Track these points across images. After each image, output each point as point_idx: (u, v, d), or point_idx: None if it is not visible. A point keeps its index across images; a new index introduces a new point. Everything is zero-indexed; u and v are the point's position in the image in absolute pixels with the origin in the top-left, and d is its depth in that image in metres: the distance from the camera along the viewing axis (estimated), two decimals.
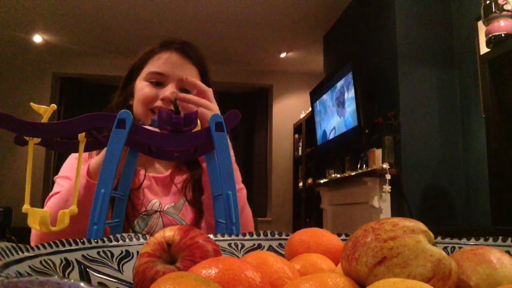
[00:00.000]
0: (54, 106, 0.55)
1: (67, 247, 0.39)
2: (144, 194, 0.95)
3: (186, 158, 0.53)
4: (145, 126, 0.53)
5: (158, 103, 0.92)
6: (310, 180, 4.60)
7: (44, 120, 0.54)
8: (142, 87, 0.94)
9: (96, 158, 0.78)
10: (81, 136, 0.52)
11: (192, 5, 3.96)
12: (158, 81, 0.94)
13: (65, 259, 0.38)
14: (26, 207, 0.47)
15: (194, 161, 0.98)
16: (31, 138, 0.51)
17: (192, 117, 0.45)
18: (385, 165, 2.75)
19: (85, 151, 0.54)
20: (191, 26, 4.33)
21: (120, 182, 0.54)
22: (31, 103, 0.57)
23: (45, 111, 0.53)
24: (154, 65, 0.96)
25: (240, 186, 0.90)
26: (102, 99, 1.39)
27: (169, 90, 0.92)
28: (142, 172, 0.96)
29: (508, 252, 0.38)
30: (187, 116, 0.46)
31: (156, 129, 0.57)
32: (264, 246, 0.51)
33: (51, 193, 0.85)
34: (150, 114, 0.92)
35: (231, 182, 0.39)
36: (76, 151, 0.55)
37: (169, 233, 0.38)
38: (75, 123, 0.45)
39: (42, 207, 0.73)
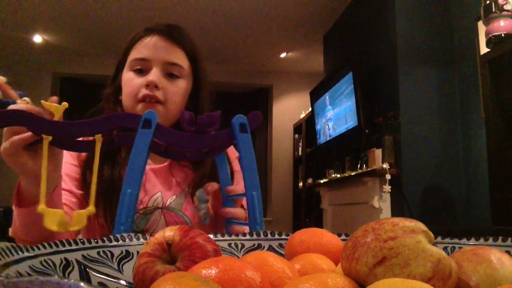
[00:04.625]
0: (66, 104, 0.55)
1: (67, 247, 0.39)
2: (145, 188, 0.90)
3: (198, 158, 0.53)
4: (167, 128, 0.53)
5: (144, 91, 0.86)
6: (310, 180, 4.60)
7: (57, 118, 0.53)
8: (127, 78, 0.90)
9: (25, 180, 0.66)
10: (98, 135, 0.50)
11: (192, 5, 3.96)
12: (142, 68, 0.89)
13: (65, 259, 0.38)
14: (41, 207, 0.46)
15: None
16: (46, 136, 0.50)
17: (215, 117, 0.45)
18: (385, 165, 2.75)
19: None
20: (191, 26, 4.33)
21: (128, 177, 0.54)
22: (42, 101, 0.55)
23: (56, 109, 0.53)
24: (137, 51, 0.90)
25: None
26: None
27: (153, 75, 0.87)
28: None
29: (508, 252, 0.38)
30: (210, 116, 0.45)
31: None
32: (264, 246, 0.51)
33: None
34: (139, 105, 0.86)
35: (254, 183, 0.39)
36: (90, 151, 0.53)
37: (169, 233, 0.38)
38: (98, 122, 0.44)
39: None
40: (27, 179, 0.64)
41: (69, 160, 0.89)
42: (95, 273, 0.39)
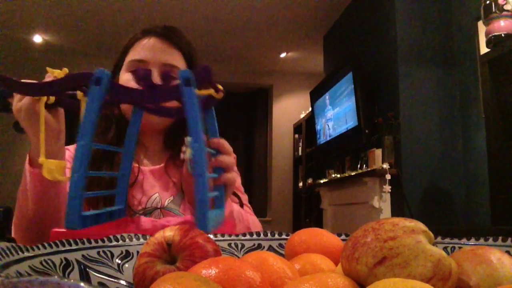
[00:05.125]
0: (66, 69, 0.61)
1: (67, 247, 0.39)
2: (143, 189, 0.90)
3: (171, 98, 0.54)
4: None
5: None
6: (310, 180, 4.60)
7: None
8: (125, 79, 0.90)
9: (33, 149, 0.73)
10: (80, 94, 0.56)
11: (192, 5, 3.96)
12: None
13: (65, 259, 0.38)
14: (42, 159, 0.51)
15: None
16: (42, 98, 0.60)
17: (167, 75, 0.48)
18: (385, 165, 2.75)
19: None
20: (191, 26, 4.33)
21: (125, 143, 0.57)
22: (47, 67, 0.63)
23: (59, 74, 0.61)
24: (135, 53, 0.91)
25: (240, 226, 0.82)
26: None
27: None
28: (135, 165, 0.90)
29: (508, 252, 0.38)
30: (163, 74, 0.49)
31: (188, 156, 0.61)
32: (264, 246, 0.51)
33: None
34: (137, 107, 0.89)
35: (199, 135, 0.43)
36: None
37: (169, 233, 0.38)
38: (61, 81, 0.50)
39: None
40: (49, 137, 0.68)
41: (70, 159, 0.89)
42: (95, 273, 0.39)
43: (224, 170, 0.64)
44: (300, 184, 5.08)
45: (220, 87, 0.54)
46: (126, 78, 0.90)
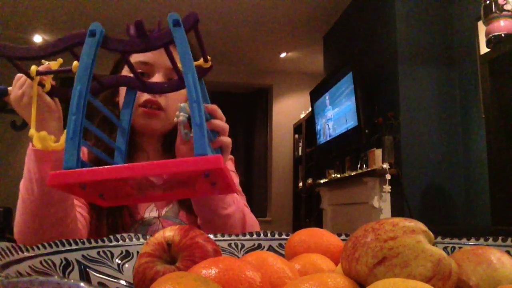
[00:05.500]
0: (60, 60, 0.64)
1: (67, 247, 0.39)
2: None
3: (176, 89, 0.54)
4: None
5: (145, 95, 0.86)
6: (310, 180, 4.60)
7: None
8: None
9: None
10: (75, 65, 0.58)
11: (192, 5, 3.96)
12: (144, 71, 0.87)
13: (65, 259, 0.38)
14: (31, 131, 0.52)
15: None
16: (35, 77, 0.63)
17: (140, 24, 0.49)
18: (385, 165, 2.75)
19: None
20: None
21: (121, 119, 0.57)
22: (42, 60, 0.63)
23: (54, 65, 0.64)
24: (139, 54, 0.87)
25: (234, 207, 0.80)
26: None
27: (156, 80, 0.86)
28: None
29: (508, 252, 0.38)
30: (137, 24, 0.49)
31: (188, 132, 0.63)
32: (264, 246, 0.51)
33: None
34: (139, 110, 0.86)
35: (190, 66, 0.44)
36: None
37: (169, 233, 0.38)
38: (58, 42, 0.52)
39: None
40: (52, 118, 0.70)
41: None
42: (95, 273, 0.39)
43: (218, 134, 0.65)
44: (300, 184, 5.08)
45: (209, 57, 0.54)
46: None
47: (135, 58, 0.89)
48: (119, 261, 0.42)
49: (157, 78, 0.87)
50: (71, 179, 0.36)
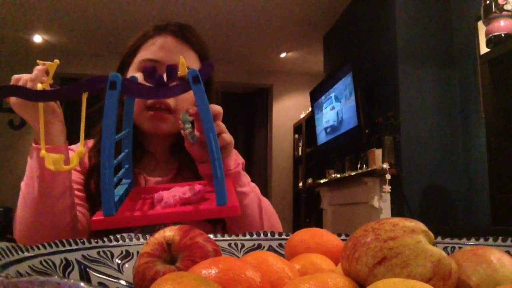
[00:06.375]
0: (57, 61, 0.64)
1: (67, 247, 0.39)
2: None
3: (178, 93, 0.55)
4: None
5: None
6: (310, 180, 4.60)
7: (51, 74, 0.64)
8: None
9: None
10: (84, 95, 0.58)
11: (192, 5, 3.96)
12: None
13: (65, 259, 0.38)
14: (43, 152, 0.53)
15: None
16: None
17: (173, 70, 0.51)
18: (385, 165, 2.75)
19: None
20: (192, 26, 4.33)
21: (124, 124, 0.60)
22: (38, 60, 0.65)
23: (50, 66, 0.64)
24: (147, 52, 0.85)
25: (249, 188, 0.82)
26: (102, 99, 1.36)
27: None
28: (142, 177, 0.87)
29: (508, 252, 0.38)
30: (168, 70, 0.51)
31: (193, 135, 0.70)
32: (264, 246, 0.51)
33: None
34: (146, 111, 0.83)
35: (210, 126, 0.49)
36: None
37: (169, 233, 0.38)
38: (75, 86, 0.53)
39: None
40: (56, 120, 0.72)
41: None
42: (95, 273, 0.39)
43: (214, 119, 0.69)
44: (300, 184, 5.08)
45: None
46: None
47: (142, 55, 0.87)
48: (119, 261, 0.42)
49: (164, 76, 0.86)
50: (111, 225, 0.46)
